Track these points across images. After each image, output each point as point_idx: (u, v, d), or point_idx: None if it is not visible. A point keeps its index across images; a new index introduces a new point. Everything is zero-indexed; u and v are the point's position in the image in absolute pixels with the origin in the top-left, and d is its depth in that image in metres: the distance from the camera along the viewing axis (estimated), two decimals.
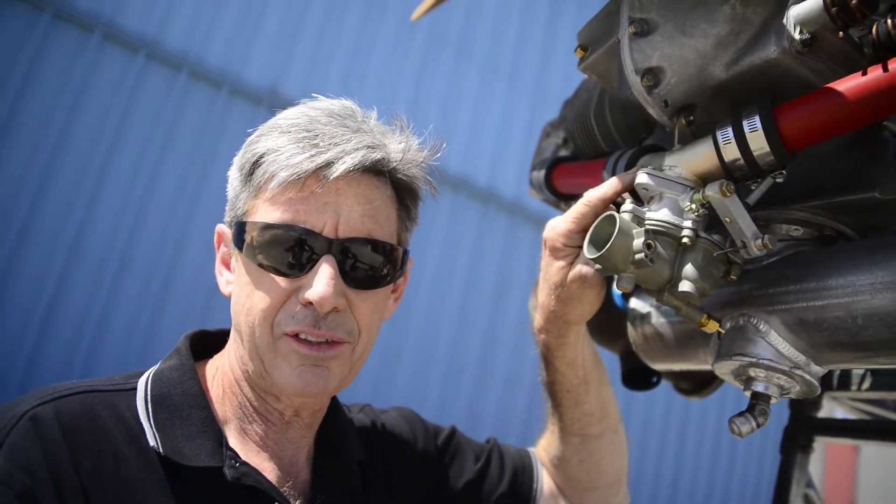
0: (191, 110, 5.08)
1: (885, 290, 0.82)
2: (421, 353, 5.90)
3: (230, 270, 1.12)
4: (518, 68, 6.81)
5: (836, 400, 1.70)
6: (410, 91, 6.15)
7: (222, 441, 1.02)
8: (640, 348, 1.29)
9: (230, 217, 1.09)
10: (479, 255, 6.38)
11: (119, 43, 4.89)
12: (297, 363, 1.01)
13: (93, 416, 0.97)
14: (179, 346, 1.13)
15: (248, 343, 1.03)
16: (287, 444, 1.10)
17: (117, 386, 1.04)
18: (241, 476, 0.99)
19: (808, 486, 1.60)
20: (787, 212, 1.02)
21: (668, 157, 1.00)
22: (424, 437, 1.34)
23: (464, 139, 6.43)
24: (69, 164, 4.63)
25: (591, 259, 0.96)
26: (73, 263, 4.61)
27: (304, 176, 0.99)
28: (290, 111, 1.08)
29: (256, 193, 1.03)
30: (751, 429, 0.97)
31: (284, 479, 1.07)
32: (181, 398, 1.04)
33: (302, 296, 1.00)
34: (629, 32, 0.99)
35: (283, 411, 1.08)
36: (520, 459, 1.40)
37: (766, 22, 0.92)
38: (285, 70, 5.52)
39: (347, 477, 1.15)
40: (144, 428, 0.99)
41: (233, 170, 1.10)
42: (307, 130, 1.02)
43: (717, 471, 7.63)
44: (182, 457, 0.98)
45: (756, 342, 0.97)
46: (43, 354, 4.48)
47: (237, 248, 1.05)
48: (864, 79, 0.83)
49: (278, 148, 1.01)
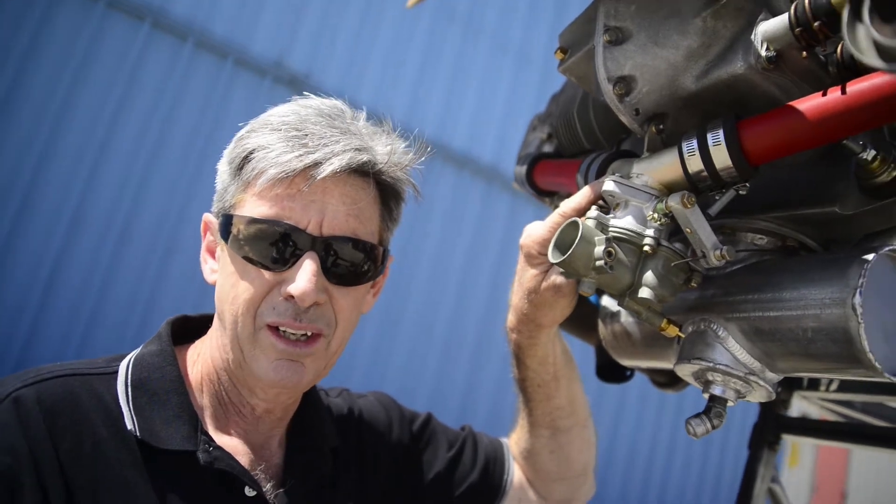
0: (195, 81, 5.09)
1: (832, 306, 0.85)
2: (420, 329, 5.94)
3: (215, 259, 1.15)
4: (526, 46, 6.76)
5: (806, 399, 1.74)
6: (417, 67, 6.13)
7: (198, 426, 1.06)
8: (609, 345, 1.32)
9: (217, 208, 1.12)
10: (482, 231, 6.40)
11: (124, 11, 4.88)
12: (275, 357, 1.05)
13: (74, 399, 1.01)
14: (161, 332, 1.17)
15: (231, 332, 1.07)
16: (258, 434, 1.15)
17: (99, 369, 1.08)
18: (214, 460, 1.03)
19: (774, 482, 1.64)
20: (752, 221, 1.04)
21: (637, 165, 1.02)
22: (400, 423, 1.38)
23: (469, 116, 6.41)
24: (72, 134, 4.65)
25: (554, 263, 0.98)
26: (74, 236, 4.64)
27: (292, 174, 1.02)
28: (282, 108, 1.12)
29: (245, 188, 1.07)
30: (705, 430, 1.01)
31: (257, 462, 1.11)
32: (160, 383, 1.08)
33: (284, 289, 1.03)
34: (604, 40, 1.00)
35: (254, 406, 1.13)
36: (492, 450, 1.44)
37: (735, 37, 0.94)
38: (291, 43, 5.51)
39: (319, 462, 1.19)
40: (123, 411, 1.03)
41: (223, 162, 1.13)
42: (297, 129, 1.05)
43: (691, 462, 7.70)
44: (158, 440, 1.02)
45: (714, 347, 1.00)
46: (41, 328, 4.53)
47: (223, 240, 1.08)
48: (823, 99, 0.85)
49: (268, 145, 1.04)
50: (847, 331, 0.83)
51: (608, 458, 6.97)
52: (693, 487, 7.71)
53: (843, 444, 1.50)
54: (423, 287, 6.00)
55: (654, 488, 7.41)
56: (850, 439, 1.50)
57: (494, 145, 6.48)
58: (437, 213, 6.12)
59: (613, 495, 7.02)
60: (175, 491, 1.01)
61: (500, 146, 6.47)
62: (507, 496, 1.41)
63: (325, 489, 1.19)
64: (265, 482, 1.10)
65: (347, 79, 5.68)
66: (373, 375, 5.44)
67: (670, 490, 7.53)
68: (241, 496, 1.05)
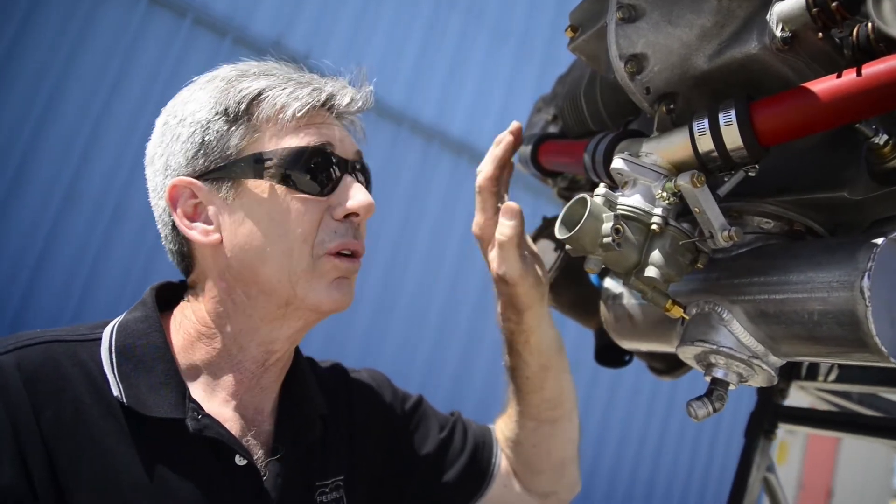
0: (193, 58, 5.05)
1: (840, 289, 0.84)
2: (413, 316, 5.94)
3: (197, 221, 1.09)
4: (527, 33, 6.74)
5: (804, 389, 1.74)
6: (417, 52, 6.10)
7: (185, 393, 1.04)
8: (610, 327, 1.32)
9: (215, 160, 1.07)
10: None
11: None
12: (334, 277, 1.08)
13: (55, 366, 0.98)
14: (145, 298, 1.14)
15: (278, 273, 1.05)
16: (258, 392, 1.13)
17: (82, 336, 1.06)
18: (203, 428, 1.02)
19: (769, 471, 1.65)
20: (759, 205, 1.04)
21: (646, 144, 1.01)
22: (392, 400, 1.37)
23: (468, 103, 6.39)
24: (68, 109, 4.61)
25: (561, 239, 0.98)
26: (69, 208, 4.62)
27: (318, 104, 1.08)
28: (242, 65, 1.15)
29: (256, 129, 1.07)
30: (707, 413, 1.01)
31: (247, 429, 1.10)
32: (145, 349, 1.06)
33: (338, 211, 1.08)
34: (616, 18, 0.99)
35: (268, 354, 1.12)
36: (481, 435, 1.44)
37: (750, 17, 0.93)
38: (291, 23, 5.48)
39: (309, 429, 1.18)
40: (108, 378, 1.01)
41: (204, 117, 1.07)
42: (288, 73, 1.12)
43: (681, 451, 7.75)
44: (145, 407, 1.00)
45: (718, 330, 1.00)
46: (35, 298, 4.52)
47: (254, 178, 1.05)
48: (838, 81, 0.84)
49: (275, 85, 1.07)
50: (854, 314, 0.83)
51: (598, 450, 7.01)
52: (682, 478, 7.77)
53: (840, 434, 1.50)
54: (416, 274, 6.00)
55: (642, 481, 7.46)
56: (846, 429, 1.50)
57: (492, 133, 6.45)
58: (433, 199, 6.11)
59: (602, 486, 7.06)
60: (162, 459, 1.00)
61: (498, 134, 6.44)
62: (494, 482, 1.41)
63: (314, 457, 1.19)
64: (256, 449, 1.09)
65: (347, 61, 5.62)
66: (365, 362, 5.44)
67: (659, 480, 7.59)
68: (231, 464, 1.04)
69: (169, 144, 1.10)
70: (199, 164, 1.08)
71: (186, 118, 1.09)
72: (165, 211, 1.13)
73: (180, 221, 1.09)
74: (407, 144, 6.10)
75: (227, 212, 1.07)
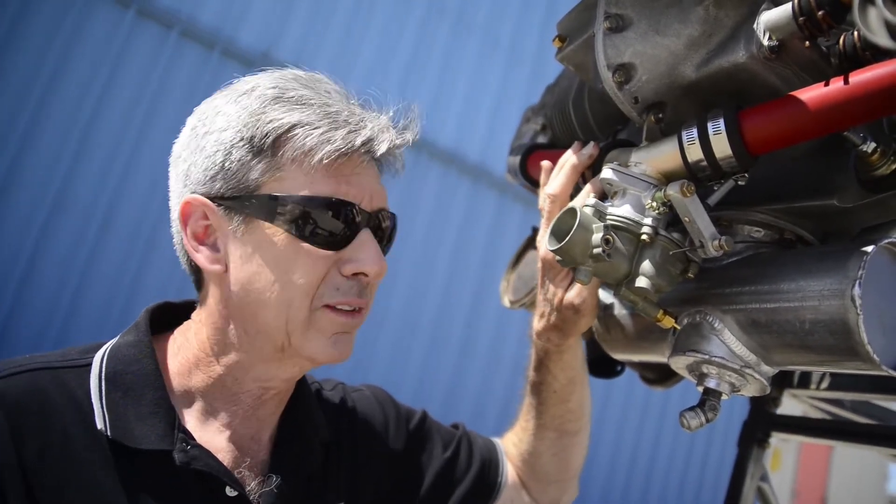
0: (180, 71, 5.02)
1: (831, 297, 0.84)
2: (405, 326, 5.92)
3: (206, 244, 1.05)
4: (517, 42, 6.75)
5: (796, 397, 1.74)
6: (406, 62, 6.10)
7: (174, 423, 1.00)
8: (602, 338, 1.31)
9: (232, 188, 1.01)
10: (467, 231, 6.38)
11: None
12: (332, 332, 1.03)
13: (42, 396, 0.95)
14: (139, 321, 1.10)
15: (276, 319, 1.01)
16: (255, 422, 1.09)
17: (72, 362, 1.02)
18: (191, 460, 0.97)
19: (763, 480, 1.64)
20: (749, 213, 1.04)
21: (635, 154, 1.01)
22: (396, 420, 1.34)
23: (458, 113, 6.39)
24: (55, 121, 4.58)
25: (551, 250, 0.97)
26: (56, 219, 4.58)
27: (350, 151, 0.99)
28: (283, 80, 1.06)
29: (281, 166, 1.00)
30: (700, 423, 1.00)
31: (242, 458, 1.06)
32: (135, 377, 1.02)
33: (346, 268, 1.02)
34: (604, 28, 0.99)
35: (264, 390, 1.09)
36: (487, 451, 1.42)
37: (737, 26, 0.93)
38: (280, 35, 5.46)
39: (308, 457, 1.14)
40: (94, 408, 0.97)
41: (229, 138, 1.01)
42: (327, 105, 1.02)
43: (675, 459, 7.74)
44: (132, 439, 0.96)
45: (710, 339, 0.99)
46: (25, 306, 4.47)
47: (265, 220, 1.00)
48: (826, 89, 0.84)
49: (308, 122, 0.99)
50: (846, 322, 0.83)
51: (591, 459, 6.98)
52: (675, 488, 7.75)
53: (833, 442, 1.50)
54: (407, 285, 5.97)
55: (636, 490, 7.44)
56: (840, 437, 1.50)
57: (482, 143, 6.46)
58: (423, 210, 6.10)
59: (595, 496, 7.04)
60: (150, 493, 0.96)
61: (488, 144, 6.45)
62: (500, 497, 1.39)
63: (314, 485, 1.14)
64: (249, 480, 1.05)
65: (335, 73, 5.64)
66: (357, 371, 5.41)
67: (653, 491, 7.57)
68: (221, 496, 1.00)
69: (193, 153, 1.04)
70: (216, 186, 1.01)
71: (213, 132, 1.02)
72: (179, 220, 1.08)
73: (188, 241, 1.04)
74: None
75: (235, 244, 1.02)
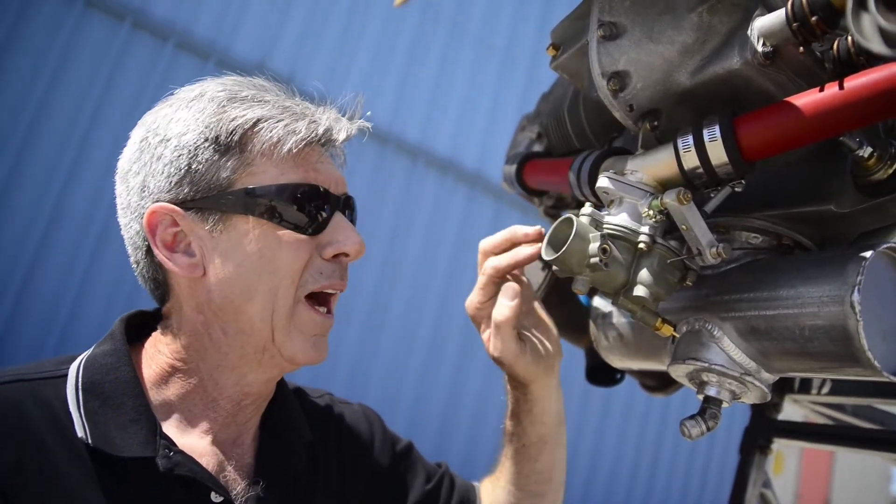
0: (176, 82, 5.00)
1: (830, 303, 0.84)
2: (403, 334, 5.91)
3: (177, 251, 1.04)
4: (511, 49, 6.77)
5: (797, 403, 1.73)
6: (401, 71, 6.11)
7: (156, 429, 0.99)
8: (601, 346, 1.31)
9: (202, 190, 1.01)
10: (464, 238, 6.38)
11: (103, 10, 4.82)
12: (312, 333, 1.06)
13: (17, 409, 0.94)
14: (114, 330, 1.09)
15: (262, 311, 1.02)
16: (234, 427, 1.09)
17: (47, 373, 1.01)
18: (175, 466, 0.96)
19: (765, 487, 1.63)
20: (747, 220, 1.03)
21: (631, 162, 1.01)
22: (382, 437, 1.33)
23: (453, 120, 6.40)
24: (50, 133, 4.59)
25: (548, 261, 0.97)
26: (53, 232, 4.57)
27: (314, 140, 1.05)
28: (229, 83, 1.09)
29: (251, 161, 1.02)
30: (700, 432, 0.99)
31: (226, 462, 1.05)
32: (113, 385, 1.01)
33: (327, 251, 1.05)
34: (598, 35, 0.99)
35: (243, 395, 1.08)
36: (465, 492, 1.40)
37: (731, 32, 0.93)
38: (274, 45, 5.48)
39: (291, 458, 1.13)
40: (73, 417, 0.96)
41: (192, 141, 1.01)
42: (282, 102, 1.07)
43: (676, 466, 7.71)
44: (113, 447, 0.95)
45: (710, 347, 0.98)
46: (23, 316, 4.46)
47: (243, 214, 1.01)
48: (821, 95, 0.84)
49: (271, 116, 1.03)
50: (846, 328, 0.82)
51: (592, 469, 6.97)
52: (677, 496, 7.73)
53: (836, 448, 1.49)
54: (405, 293, 5.96)
55: (637, 500, 7.42)
56: (842, 443, 1.49)
57: (478, 150, 6.47)
58: (420, 217, 6.09)
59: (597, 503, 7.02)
60: (133, 500, 0.95)
61: (484, 151, 6.46)
62: None
63: (300, 489, 1.14)
64: (235, 484, 1.04)
65: (331, 82, 5.66)
66: (355, 380, 5.39)
67: (655, 496, 7.54)
68: (206, 502, 0.99)
69: (148, 163, 1.03)
70: (183, 191, 1.01)
71: (170, 139, 1.02)
72: (139, 234, 1.05)
73: (160, 251, 1.03)
74: (392, 164, 6.09)
75: (213, 244, 1.02)
